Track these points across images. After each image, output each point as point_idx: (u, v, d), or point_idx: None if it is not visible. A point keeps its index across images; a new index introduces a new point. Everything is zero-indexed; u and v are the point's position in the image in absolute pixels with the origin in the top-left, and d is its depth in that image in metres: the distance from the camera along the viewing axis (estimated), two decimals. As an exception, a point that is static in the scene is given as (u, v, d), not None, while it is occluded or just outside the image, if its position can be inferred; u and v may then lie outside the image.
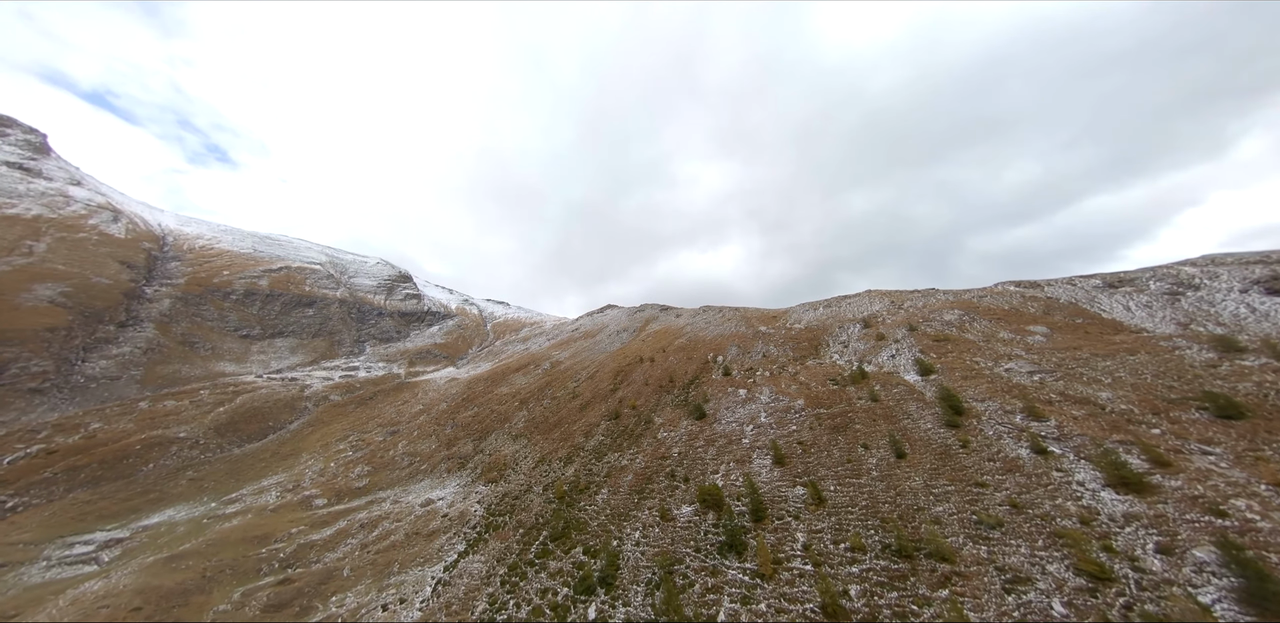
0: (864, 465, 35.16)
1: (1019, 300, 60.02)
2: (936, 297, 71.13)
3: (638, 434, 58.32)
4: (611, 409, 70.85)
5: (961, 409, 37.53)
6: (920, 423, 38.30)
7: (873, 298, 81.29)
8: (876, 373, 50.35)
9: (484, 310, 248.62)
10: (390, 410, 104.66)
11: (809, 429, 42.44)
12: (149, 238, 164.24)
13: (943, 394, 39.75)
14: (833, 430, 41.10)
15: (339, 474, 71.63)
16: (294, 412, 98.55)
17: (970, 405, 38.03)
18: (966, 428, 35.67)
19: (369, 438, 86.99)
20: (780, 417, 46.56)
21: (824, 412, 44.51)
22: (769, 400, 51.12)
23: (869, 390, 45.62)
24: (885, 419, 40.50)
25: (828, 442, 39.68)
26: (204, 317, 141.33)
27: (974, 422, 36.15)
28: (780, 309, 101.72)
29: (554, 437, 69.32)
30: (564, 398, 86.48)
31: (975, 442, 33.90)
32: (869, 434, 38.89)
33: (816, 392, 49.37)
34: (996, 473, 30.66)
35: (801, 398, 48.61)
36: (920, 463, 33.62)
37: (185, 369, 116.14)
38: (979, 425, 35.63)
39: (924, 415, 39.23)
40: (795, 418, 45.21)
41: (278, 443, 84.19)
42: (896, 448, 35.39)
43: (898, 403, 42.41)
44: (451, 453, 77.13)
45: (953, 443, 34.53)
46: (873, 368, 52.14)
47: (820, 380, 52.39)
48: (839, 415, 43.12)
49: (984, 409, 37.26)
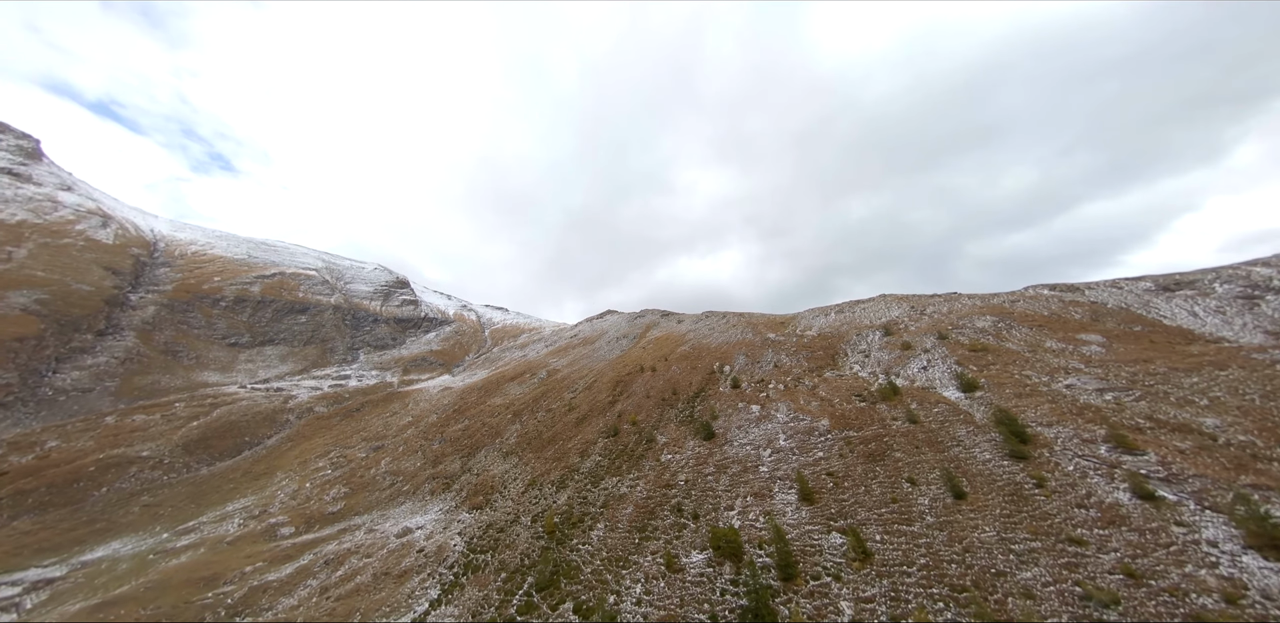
0: (914, 507, 28.34)
1: (1058, 305, 53.43)
2: (961, 301, 64.55)
3: (638, 455, 51.46)
4: (610, 425, 63.99)
5: (1026, 436, 30.78)
6: (976, 452, 31.52)
7: (889, 303, 74.70)
8: (909, 388, 43.60)
9: (482, 316, 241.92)
10: (378, 423, 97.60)
11: (839, 457, 35.63)
12: (139, 244, 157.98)
13: (999, 416, 33.01)
14: (868, 459, 34.29)
15: (313, 497, 64.52)
16: (274, 425, 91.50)
17: (1036, 431, 31.27)
18: (1038, 461, 28.90)
19: (351, 454, 79.91)
20: (802, 440, 39.75)
21: (854, 435, 37.72)
22: (787, 419, 44.33)
23: (905, 410, 38.85)
24: (930, 446, 33.72)
25: (864, 474, 32.87)
26: (190, 324, 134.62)
27: (1045, 453, 29.38)
28: (788, 315, 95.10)
29: (547, 455, 62.36)
30: (559, 411, 79.58)
31: (1054, 480, 27.12)
32: (914, 466, 32.08)
33: (842, 410, 42.58)
34: (1094, 525, 23.84)
35: (825, 417, 41.82)
36: (987, 506, 26.82)
37: (165, 380, 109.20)
38: (1053, 458, 28.87)
39: (978, 443, 32.46)
40: (821, 442, 38.40)
41: (251, 461, 77.14)
42: (952, 485, 28.59)
43: (941, 426, 35.65)
44: (437, 471, 70.10)
45: (1024, 481, 27.75)
46: (903, 382, 45.40)
47: (844, 396, 45.62)
48: (873, 440, 36.33)
49: (1054, 436, 30.50)
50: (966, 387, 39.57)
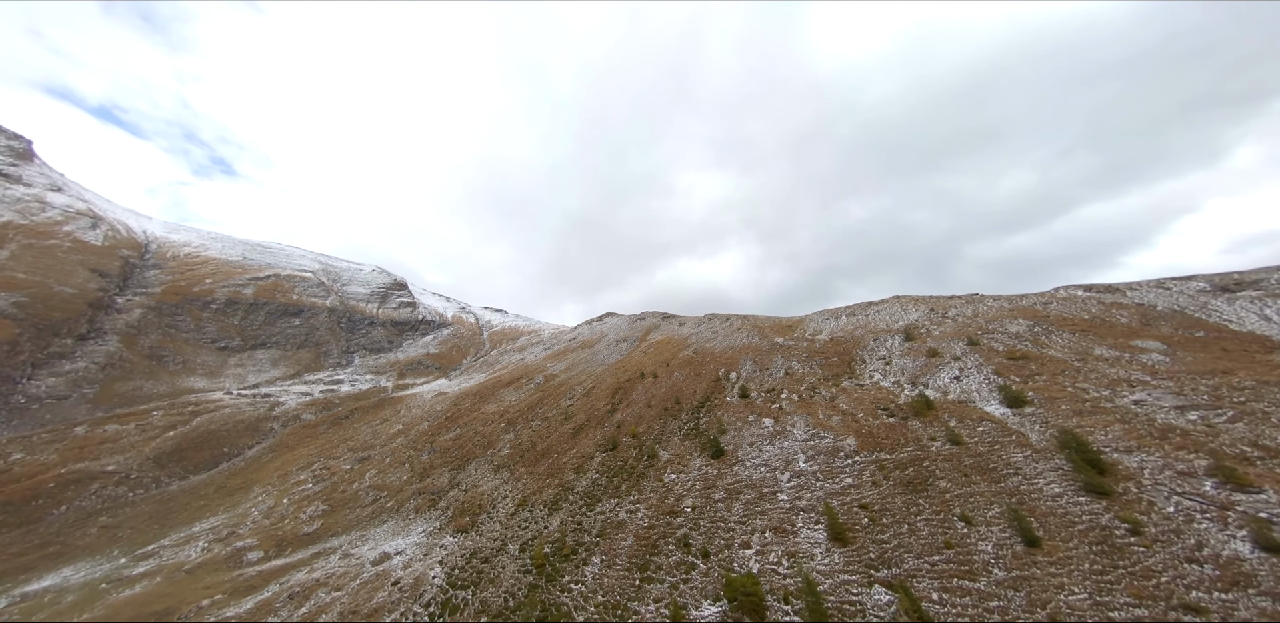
0: (975, 555, 22.99)
1: (1098, 308, 48.12)
2: (985, 304, 59.26)
3: (639, 473, 46.11)
4: (608, 436, 58.65)
5: (1103, 465, 25.43)
6: (1041, 484, 26.17)
7: (905, 305, 69.40)
8: (943, 401, 38.27)
9: (481, 318, 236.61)
10: (366, 431, 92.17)
11: (872, 485, 30.28)
12: (130, 246, 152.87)
13: (1063, 439, 27.68)
14: (908, 489, 28.94)
15: (288, 514, 59.10)
16: (256, 434, 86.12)
17: (1114, 459, 25.93)
18: (1125, 499, 23.55)
19: (335, 466, 74.47)
20: (826, 462, 34.40)
21: (887, 458, 32.37)
22: (805, 436, 38.98)
23: (944, 428, 33.51)
24: (981, 474, 28.37)
25: (905, 507, 27.52)
26: (179, 328, 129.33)
27: (1131, 488, 24.04)
28: (795, 317, 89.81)
29: (540, 471, 56.98)
30: (555, 419, 74.23)
31: (1151, 525, 21.78)
32: (966, 499, 26.73)
33: (868, 426, 37.24)
34: (1213, 587, 18.50)
35: (850, 435, 36.48)
36: (1070, 558, 21.47)
37: (148, 386, 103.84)
38: (1143, 494, 23.53)
39: (1041, 471, 27.11)
40: (848, 466, 33.04)
41: (227, 474, 71.77)
42: (1021, 527, 23.24)
43: (991, 449, 30.31)
44: (424, 486, 64.69)
45: (1112, 524, 22.40)
46: (935, 394, 40.06)
47: (868, 410, 40.27)
48: (910, 465, 30.98)
49: (1139, 466, 25.17)
50: (1012, 401, 34.23)
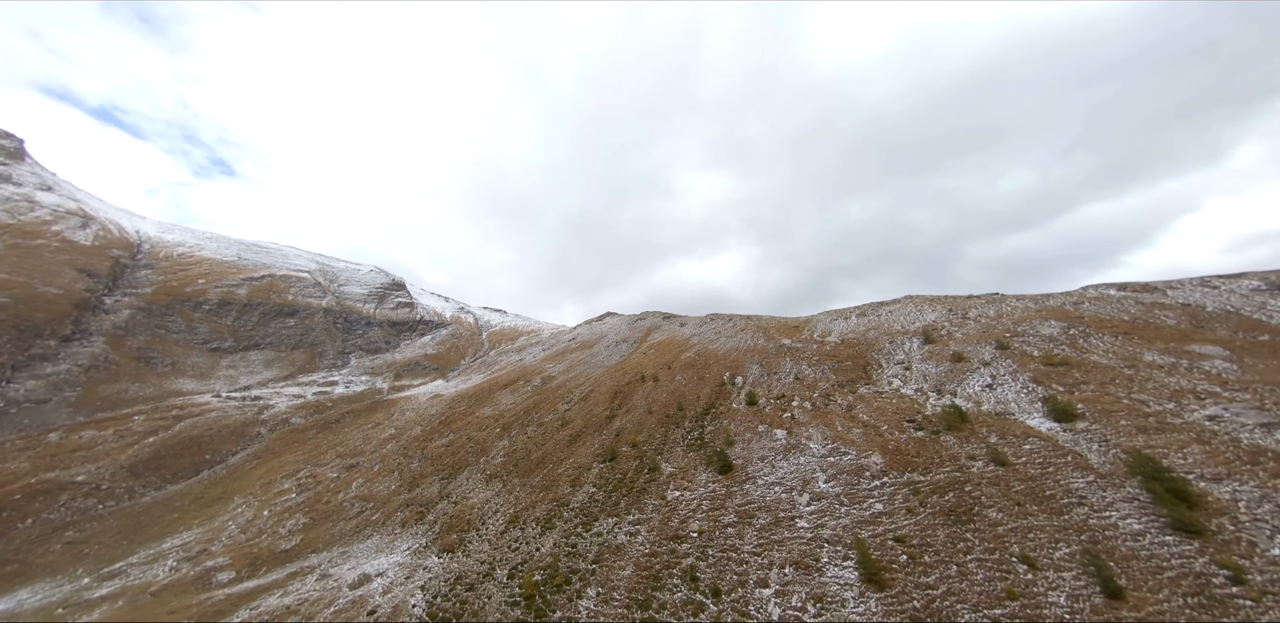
0: (1046, 609, 18.91)
1: (1138, 309, 44.04)
2: (1008, 304, 55.19)
3: (639, 488, 42.10)
4: (606, 445, 54.66)
5: (1190, 497, 21.38)
6: (1114, 518, 22.11)
7: (919, 305, 65.33)
8: (977, 413, 34.21)
9: (480, 318, 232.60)
10: (357, 436, 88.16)
11: (907, 513, 26.22)
12: (121, 245, 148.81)
13: (1135, 463, 23.63)
14: (950, 519, 24.89)
15: (267, 529, 55.09)
16: (241, 440, 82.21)
17: (1201, 489, 21.88)
18: (1220, 538, 19.49)
19: (321, 474, 70.45)
20: (849, 483, 30.34)
21: (921, 481, 28.31)
22: (824, 451, 34.94)
23: (985, 446, 29.44)
24: (1036, 503, 24.31)
25: (949, 543, 23.47)
26: (169, 329, 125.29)
27: (1227, 524, 19.99)
28: (801, 318, 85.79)
29: (534, 482, 52.96)
30: (551, 425, 70.22)
31: (1256, 571, 17.71)
32: (1022, 534, 22.68)
33: (895, 442, 33.18)
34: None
35: (875, 451, 32.42)
36: (1161, 612, 17.39)
37: (134, 389, 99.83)
38: (1241, 532, 19.47)
39: (1111, 501, 23.06)
40: (876, 489, 28.98)
41: (207, 483, 67.87)
42: (1100, 574, 19.17)
43: (1044, 471, 26.25)
44: (413, 497, 60.69)
45: (1208, 570, 18.35)
46: (967, 404, 35.99)
47: (893, 421, 36.22)
48: (950, 489, 26.93)
49: (1230, 497, 21.12)
50: (1060, 415, 30.16)
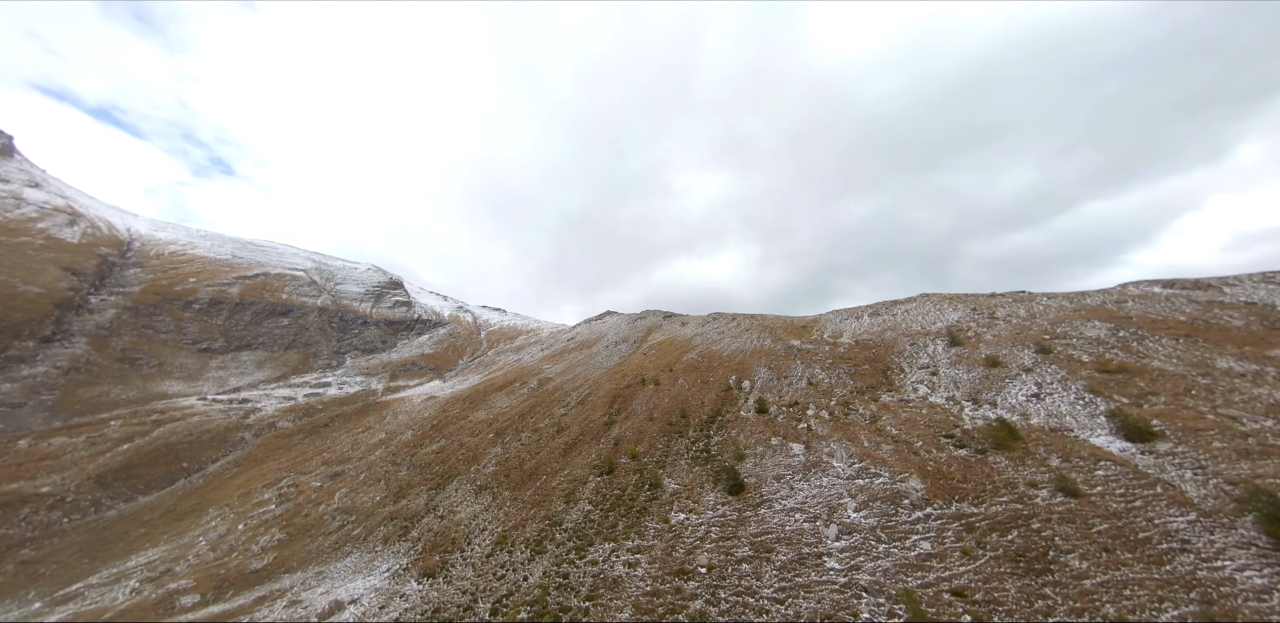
0: (1173, 706, 14.23)
1: (1194, 308, 39.22)
2: (1039, 303, 50.36)
3: (639, 508, 37.45)
4: (604, 456, 50.00)
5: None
6: (1228, 570, 17.35)
7: (938, 304, 60.50)
8: (1027, 428, 29.46)
9: (479, 317, 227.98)
10: (346, 441, 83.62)
11: (963, 556, 21.50)
12: (110, 243, 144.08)
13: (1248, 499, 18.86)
14: (1020, 567, 20.15)
15: (239, 546, 50.54)
16: (224, 446, 77.72)
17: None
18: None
19: (304, 483, 65.88)
20: (885, 513, 25.62)
21: (975, 514, 23.56)
22: (850, 471, 30.21)
23: (1049, 471, 24.67)
24: (1129, 549, 19.56)
25: (1023, 600, 18.73)
26: (157, 329, 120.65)
27: (1403, 590, 15.29)
28: (809, 317, 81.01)
29: (525, 496, 48.31)
30: (547, 431, 65.59)
31: None
32: (1119, 591, 17.92)
33: (934, 462, 28.45)
34: None
35: (913, 473, 27.68)
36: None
37: (117, 391, 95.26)
38: None
39: (1224, 548, 18.30)
40: (920, 522, 24.25)
41: (181, 494, 63.37)
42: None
43: (1130, 506, 21.51)
44: (398, 509, 56.11)
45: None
46: (1013, 417, 31.24)
47: (927, 436, 31.48)
48: (1012, 525, 22.19)
49: (1396, 552, 16.41)
50: (1133, 433, 25.41)
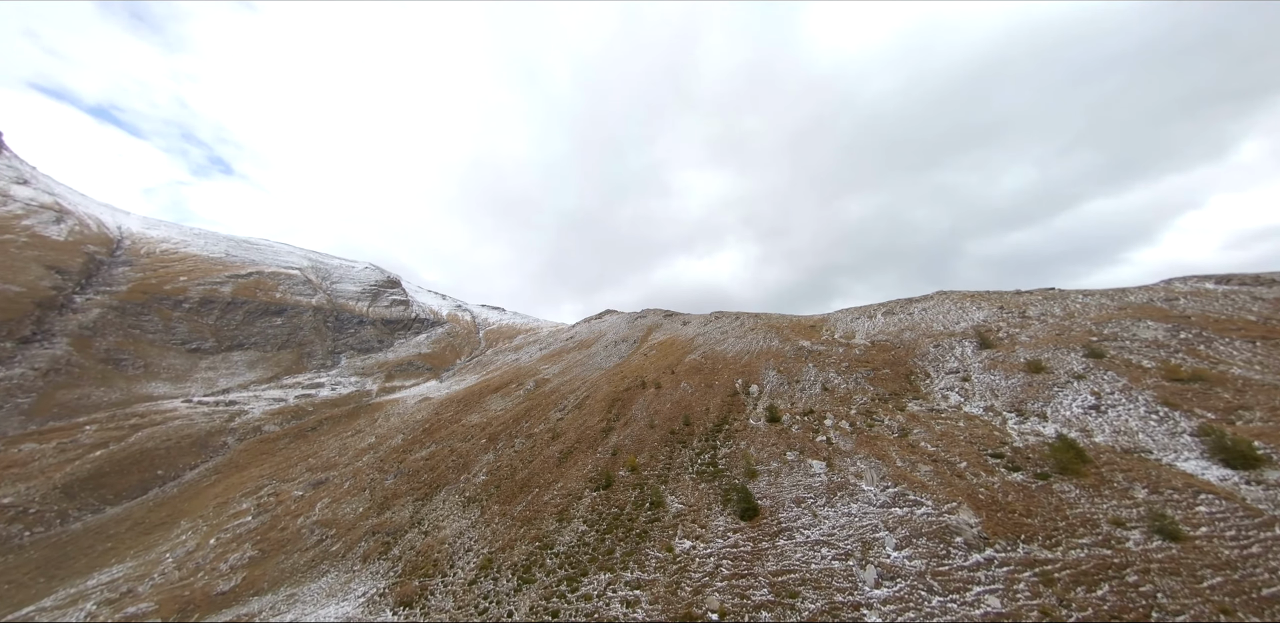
0: None
1: (1265, 306, 34.64)
2: (1073, 300, 45.80)
3: (639, 531, 33.06)
4: (601, 467, 45.59)
5: None
6: None
7: (958, 302, 55.95)
8: (1092, 448, 24.96)
9: (478, 316, 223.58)
10: (333, 446, 79.35)
11: (1042, 617, 17.08)
12: (99, 241, 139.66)
13: None
14: (1119, 635, 15.75)
15: (207, 564, 46.28)
16: (204, 452, 73.49)
17: None
18: None
19: (285, 492, 61.56)
20: (934, 554, 21.18)
21: (1049, 560, 19.10)
22: (884, 496, 25.77)
23: (1135, 505, 20.21)
24: (1256, 613, 15.16)
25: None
26: (144, 329, 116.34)
27: None
28: (816, 316, 76.50)
29: (515, 512, 43.93)
30: (541, 437, 61.23)
31: None
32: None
33: (986, 488, 23.97)
34: None
35: (962, 502, 23.21)
36: None
37: (98, 394, 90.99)
38: None
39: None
40: (980, 569, 19.80)
41: (153, 504, 59.10)
42: None
43: (1246, 553, 17.02)
44: (381, 522, 51.82)
45: None
46: (1071, 432, 26.77)
47: (970, 455, 27.01)
48: (1101, 578, 17.74)
49: None
50: (1233, 457, 20.92)
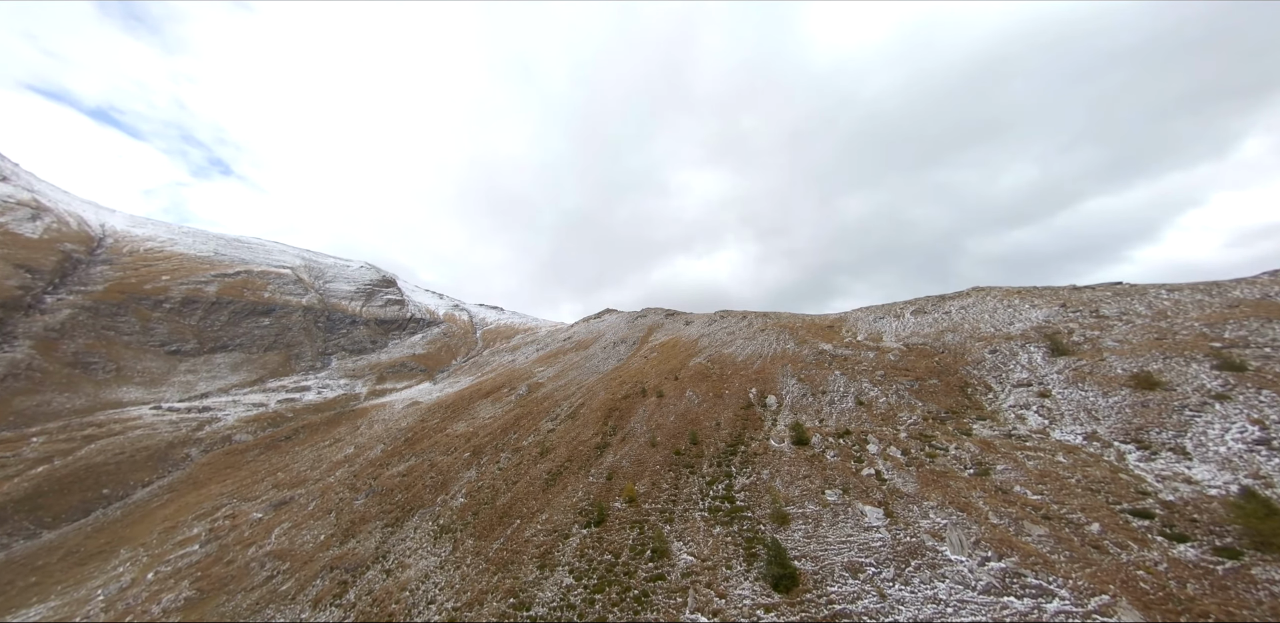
0: None
1: None
2: (1155, 296, 37.97)
3: (638, 594, 25.32)
4: (593, 495, 37.85)
5: None
6: None
7: (1003, 299, 48.12)
8: (1284, 503, 17.32)
9: (475, 316, 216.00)
10: (307, 457, 71.81)
11: None
12: (78, 239, 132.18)
13: None
14: None
15: (139, 605, 38.73)
16: (160, 466, 66.08)
17: None
18: None
19: (243, 514, 54.01)
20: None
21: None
22: (986, 577, 18.10)
23: None
24: None
25: None
26: (120, 330, 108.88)
27: None
28: (832, 316, 68.66)
29: (491, 551, 36.23)
30: (529, 452, 53.57)
31: None
32: None
33: (1144, 569, 16.30)
34: None
35: (1118, 597, 15.58)
36: None
37: (60, 400, 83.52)
38: None
39: None
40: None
41: (91, 529, 51.61)
42: None
43: None
44: (342, 554, 44.21)
45: None
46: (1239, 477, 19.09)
47: (1098, 509, 19.30)
48: None
49: None
50: None
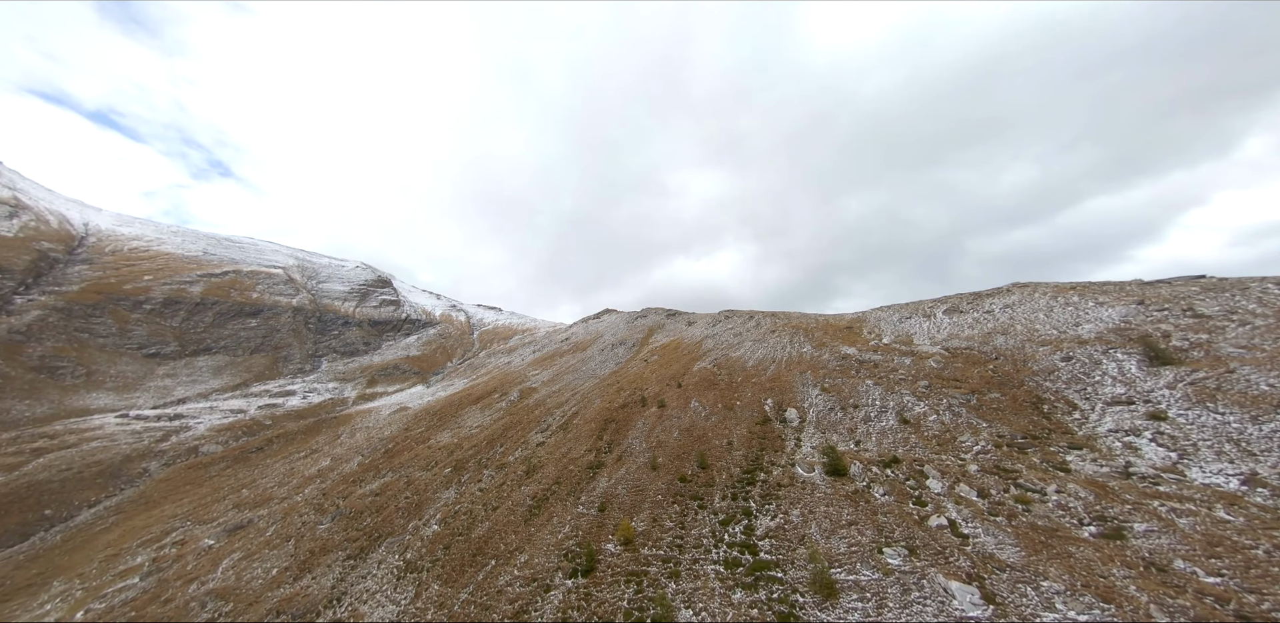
0: None
1: None
2: (1262, 291, 31.23)
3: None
4: (582, 532, 31.03)
5: None
6: None
7: (1060, 296, 41.26)
8: None
9: (473, 317, 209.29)
10: (278, 471, 65.11)
11: None
12: (56, 238, 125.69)
13: None
14: None
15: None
16: (112, 483, 59.55)
17: None
18: None
19: (193, 540, 47.36)
20: None
21: None
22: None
23: None
24: None
25: None
26: (94, 332, 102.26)
27: None
28: (849, 315, 61.80)
29: (459, 601, 29.38)
30: (514, 471, 46.81)
31: None
32: None
33: None
34: None
35: None
36: None
37: (20, 408, 76.90)
38: None
39: None
40: None
41: (23, 558, 44.83)
42: None
43: None
44: (294, 594, 37.50)
45: None
46: None
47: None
48: None
49: None
50: None
